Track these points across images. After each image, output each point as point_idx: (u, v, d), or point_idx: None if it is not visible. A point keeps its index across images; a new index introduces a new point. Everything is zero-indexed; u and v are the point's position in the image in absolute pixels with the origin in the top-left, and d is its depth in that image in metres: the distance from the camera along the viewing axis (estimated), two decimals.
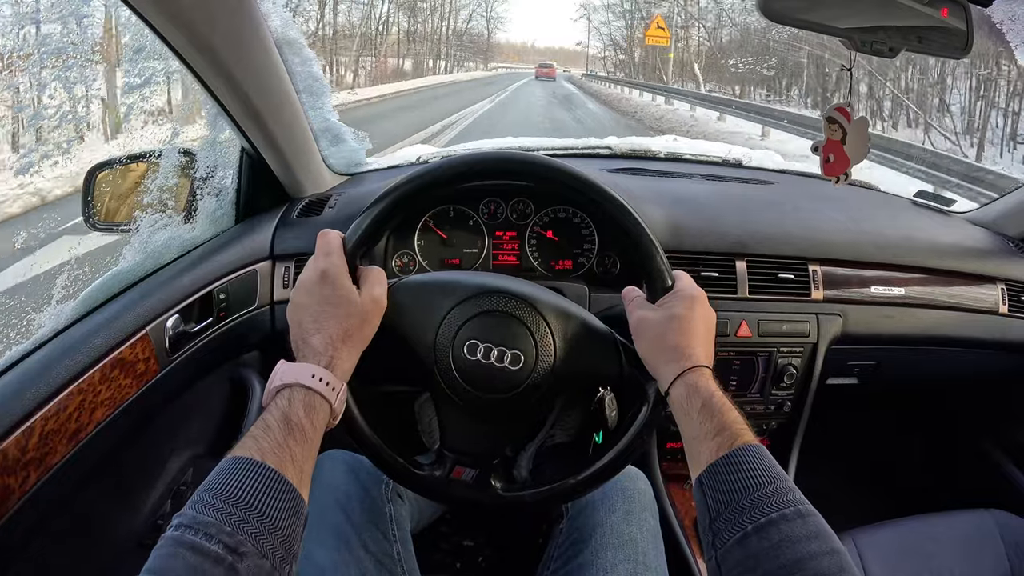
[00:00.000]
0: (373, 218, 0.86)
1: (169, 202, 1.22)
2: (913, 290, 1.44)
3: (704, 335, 0.82)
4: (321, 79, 1.33)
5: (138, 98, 1.11)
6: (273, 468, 0.63)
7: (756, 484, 0.65)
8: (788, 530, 0.61)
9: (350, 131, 1.55)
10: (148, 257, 1.12)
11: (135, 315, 1.01)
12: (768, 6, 0.95)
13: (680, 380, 0.77)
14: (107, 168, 1.24)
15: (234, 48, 1.02)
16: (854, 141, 1.07)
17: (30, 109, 1.07)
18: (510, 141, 1.98)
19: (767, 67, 26.54)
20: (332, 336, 0.77)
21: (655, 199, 1.42)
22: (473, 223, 1.38)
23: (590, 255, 1.37)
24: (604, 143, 1.91)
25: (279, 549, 0.60)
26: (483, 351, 0.84)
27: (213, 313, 1.17)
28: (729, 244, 1.37)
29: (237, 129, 1.20)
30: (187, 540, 0.56)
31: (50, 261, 1.12)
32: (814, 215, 1.52)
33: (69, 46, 0.95)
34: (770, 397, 1.44)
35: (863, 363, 1.51)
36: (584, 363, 0.88)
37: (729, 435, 0.70)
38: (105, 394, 0.92)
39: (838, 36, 0.99)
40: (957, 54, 1.00)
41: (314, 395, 0.72)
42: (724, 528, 0.64)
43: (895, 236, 1.49)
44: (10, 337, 0.96)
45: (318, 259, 0.82)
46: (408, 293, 0.88)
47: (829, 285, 1.39)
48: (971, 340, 1.48)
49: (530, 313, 0.86)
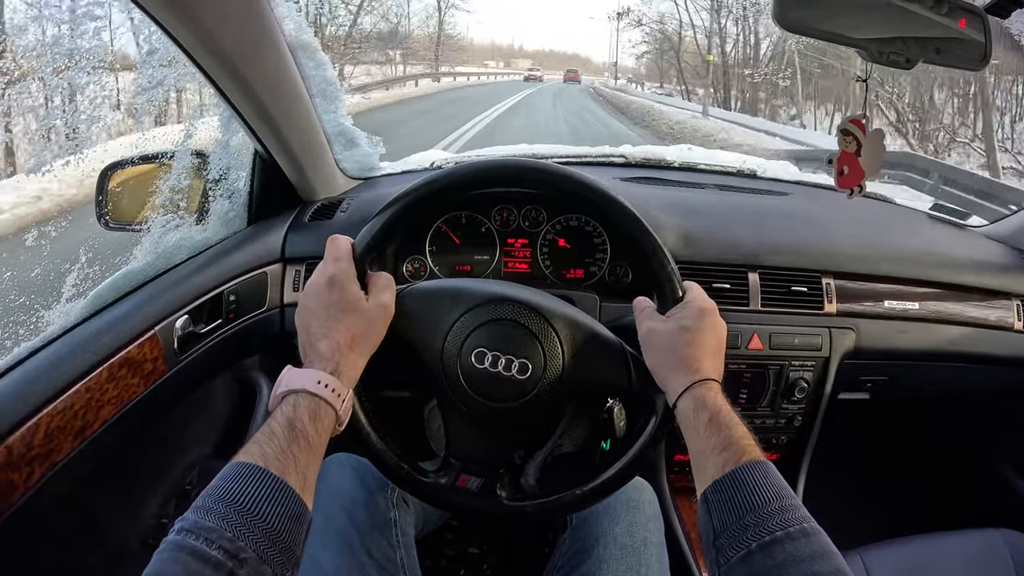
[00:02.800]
0: (383, 224, 0.86)
1: (181, 203, 1.23)
2: (928, 305, 1.42)
3: (714, 348, 0.82)
4: (335, 83, 1.33)
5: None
6: (276, 474, 0.63)
7: (761, 501, 0.64)
8: (793, 549, 0.60)
9: (364, 135, 1.56)
10: (159, 257, 1.13)
11: (144, 315, 1.01)
12: (784, 16, 0.94)
13: (688, 393, 0.77)
14: (121, 168, 1.24)
15: (246, 51, 1.03)
16: (869, 153, 1.06)
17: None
18: (524, 148, 1.98)
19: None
20: (339, 342, 0.77)
21: (668, 209, 1.41)
22: (485, 230, 1.37)
23: (602, 264, 1.36)
24: (618, 151, 1.90)
25: (280, 555, 0.60)
26: (491, 359, 0.84)
27: (223, 314, 1.17)
28: (742, 256, 1.36)
29: (250, 132, 1.20)
30: (188, 545, 0.56)
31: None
32: (828, 228, 1.50)
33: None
34: (781, 411, 1.43)
35: (875, 378, 1.50)
36: (592, 373, 0.88)
37: (736, 451, 0.69)
38: (112, 393, 0.93)
39: (854, 47, 0.99)
40: (975, 65, 0.99)
41: (319, 402, 0.72)
42: (728, 545, 0.63)
43: (910, 250, 1.48)
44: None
45: (327, 264, 0.82)
46: (416, 300, 0.88)
47: (843, 299, 1.38)
48: (985, 356, 1.46)
49: (539, 322, 0.85)
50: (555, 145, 2.01)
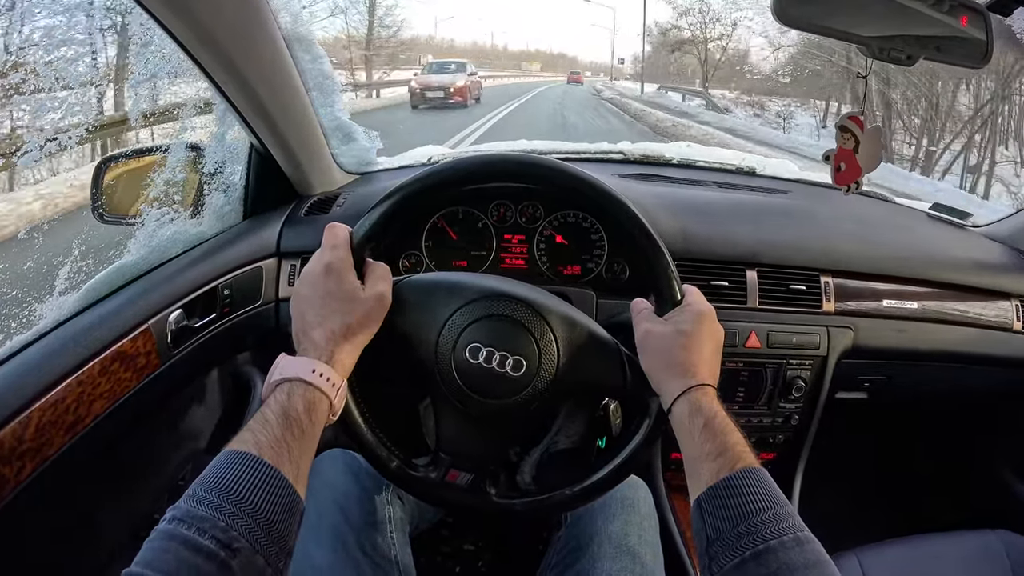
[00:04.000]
0: (381, 213, 0.86)
1: (176, 196, 1.22)
2: (926, 304, 1.41)
3: (710, 353, 0.81)
4: (332, 77, 1.32)
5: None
6: (269, 463, 0.62)
7: (755, 509, 0.64)
8: (786, 558, 0.60)
9: (361, 130, 1.55)
10: (153, 251, 1.12)
11: (137, 309, 1.00)
12: (784, 12, 0.93)
13: (683, 398, 0.76)
14: (116, 161, 1.24)
15: (240, 42, 1.02)
16: (867, 150, 1.06)
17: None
18: (523, 144, 1.97)
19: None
20: (334, 331, 0.77)
21: (666, 206, 1.40)
22: (482, 225, 1.36)
23: (599, 261, 1.35)
24: (617, 148, 1.89)
25: (273, 546, 0.59)
26: (485, 355, 0.83)
27: (217, 309, 1.17)
28: (740, 253, 1.35)
29: (245, 125, 1.19)
30: (180, 534, 0.55)
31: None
32: (828, 226, 1.50)
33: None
34: (778, 410, 1.42)
35: (873, 378, 1.49)
36: (587, 373, 0.87)
37: (730, 457, 0.69)
38: (104, 387, 0.92)
39: (855, 43, 0.98)
40: (976, 63, 0.99)
41: (314, 390, 0.72)
42: (721, 552, 0.63)
43: (909, 249, 1.47)
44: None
45: (324, 252, 0.81)
46: (413, 291, 0.87)
47: (841, 297, 1.37)
48: (984, 357, 1.46)
49: (535, 319, 0.85)
50: (554, 141, 1.99)
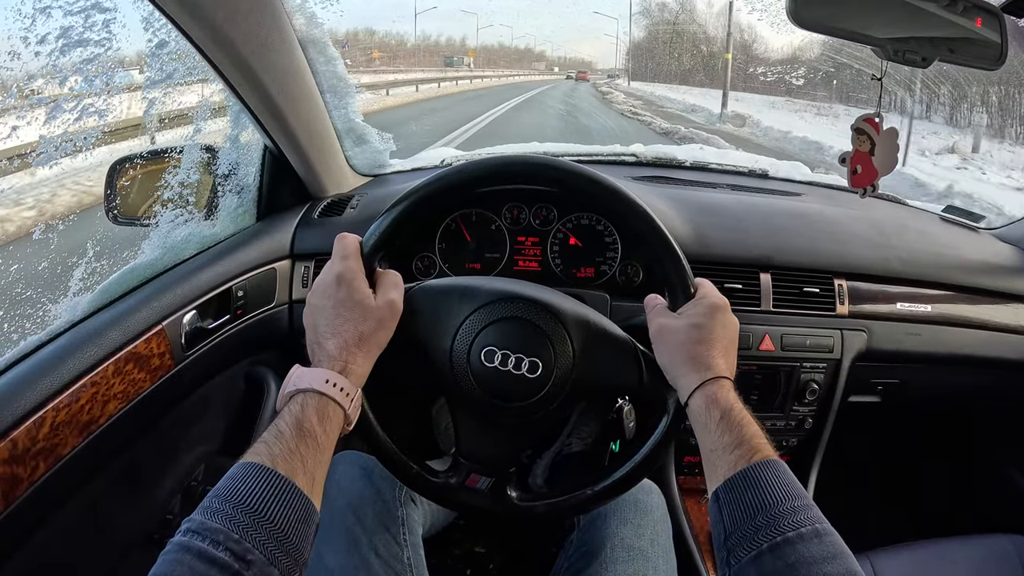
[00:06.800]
0: (391, 221, 0.85)
1: (190, 198, 1.23)
2: (940, 307, 1.40)
3: (726, 345, 0.81)
4: (346, 79, 1.33)
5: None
6: (284, 475, 0.62)
7: (773, 501, 0.63)
8: (804, 550, 0.59)
9: (374, 132, 1.55)
10: (167, 252, 1.13)
11: (151, 310, 1.01)
12: (799, 14, 0.93)
13: (700, 391, 0.75)
14: (130, 162, 1.24)
15: (255, 44, 1.02)
16: (883, 152, 1.05)
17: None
18: (535, 146, 1.97)
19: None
20: (347, 340, 0.76)
21: (680, 208, 1.40)
22: (495, 228, 1.36)
23: (613, 263, 1.35)
24: (629, 150, 1.89)
25: (287, 558, 0.59)
26: (500, 358, 0.82)
27: (231, 310, 1.17)
28: (754, 256, 1.35)
29: (259, 127, 1.20)
30: (194, 546, 0.55)
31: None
32: (841, 229, 1.49)
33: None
34: (791, 413, 1.41)
35: (887, 381, 1.48)
36: (603, 372, 0.86)
37: (748, 449, 0.68)
38: (118, 387, 0.92)
39: (870, 44, 0.98)
40: (991, 65, 0.98)
41: (328, 401, 0.71)
42: (739, 545, 0.62)
43: (923, 252, 1.46)
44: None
45: (334, 262, 0.81)
46: (425, 298, 0.87)
47: (855, 300, 1.37)
48: (997, 360, 1.45)
49: (549, 320, 0.84)
50: (567, 144, 1.99)
